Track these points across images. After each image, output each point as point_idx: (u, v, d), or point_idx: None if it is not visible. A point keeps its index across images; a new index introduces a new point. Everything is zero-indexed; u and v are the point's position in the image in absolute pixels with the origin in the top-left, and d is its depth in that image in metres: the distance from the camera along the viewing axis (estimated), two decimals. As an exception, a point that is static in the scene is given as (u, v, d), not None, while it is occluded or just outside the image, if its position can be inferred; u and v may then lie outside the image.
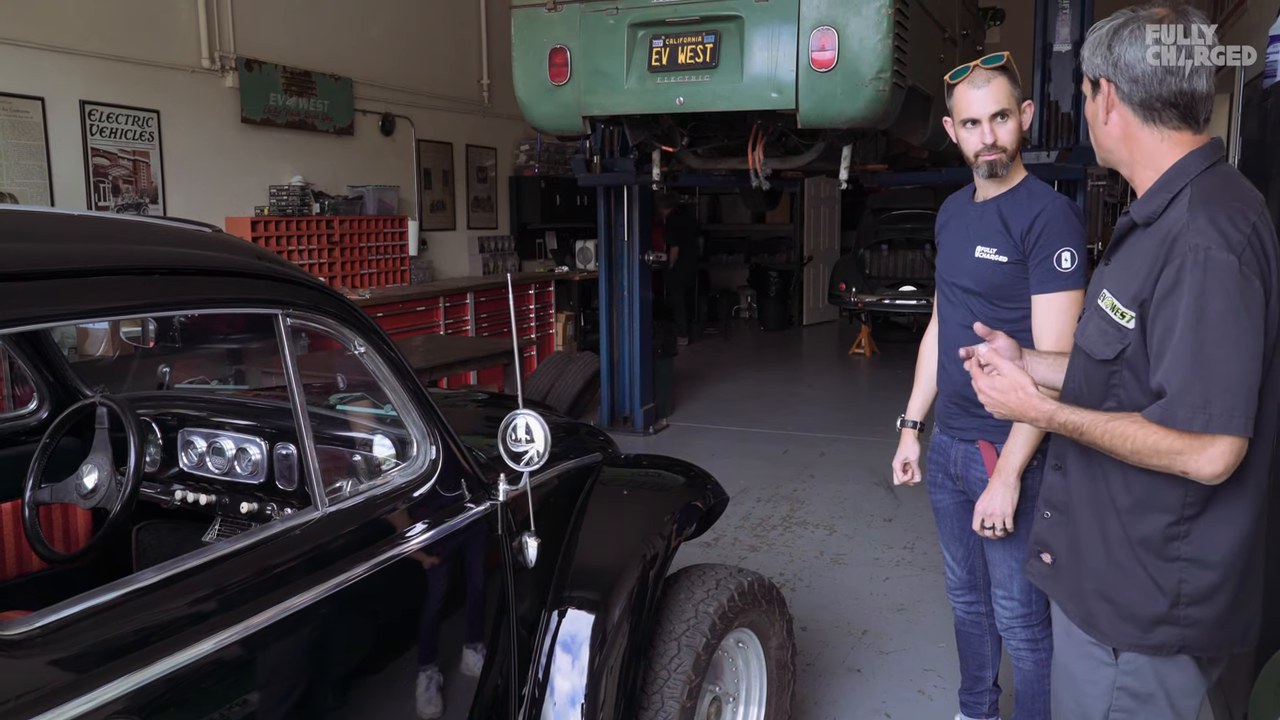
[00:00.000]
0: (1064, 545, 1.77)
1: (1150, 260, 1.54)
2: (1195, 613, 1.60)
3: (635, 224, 6.91)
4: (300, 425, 1.58)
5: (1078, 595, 1.74)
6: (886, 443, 6.81)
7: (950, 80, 2.46)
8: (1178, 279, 1.48)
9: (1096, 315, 1.66)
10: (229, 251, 1.55)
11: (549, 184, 10.15)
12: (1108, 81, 1.61)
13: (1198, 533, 1.58)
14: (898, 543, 4.88)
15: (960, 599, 2.87)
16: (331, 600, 1.54)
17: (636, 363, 7.09)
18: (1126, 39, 1.58)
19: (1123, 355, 1.59)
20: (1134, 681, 1.65)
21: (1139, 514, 1.61)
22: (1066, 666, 1.77)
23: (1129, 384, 1.60)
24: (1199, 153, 1.59)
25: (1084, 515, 1.71)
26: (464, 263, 9.29)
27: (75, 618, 1.22)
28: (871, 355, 10.68)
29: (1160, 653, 1.63)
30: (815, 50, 3.93)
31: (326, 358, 2.86)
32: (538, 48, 4.47)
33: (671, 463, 2.84)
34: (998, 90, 2.37)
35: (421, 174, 8.70)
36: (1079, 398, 1.71)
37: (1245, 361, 1.45)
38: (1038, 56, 5.80)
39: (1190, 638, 1.61)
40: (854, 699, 3.36)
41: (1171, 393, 1.47)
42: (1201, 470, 1.47)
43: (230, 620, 1.37)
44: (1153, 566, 1.61)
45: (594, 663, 2.16)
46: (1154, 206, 1.59)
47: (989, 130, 2.37)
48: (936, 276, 2.68)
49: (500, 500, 1.95)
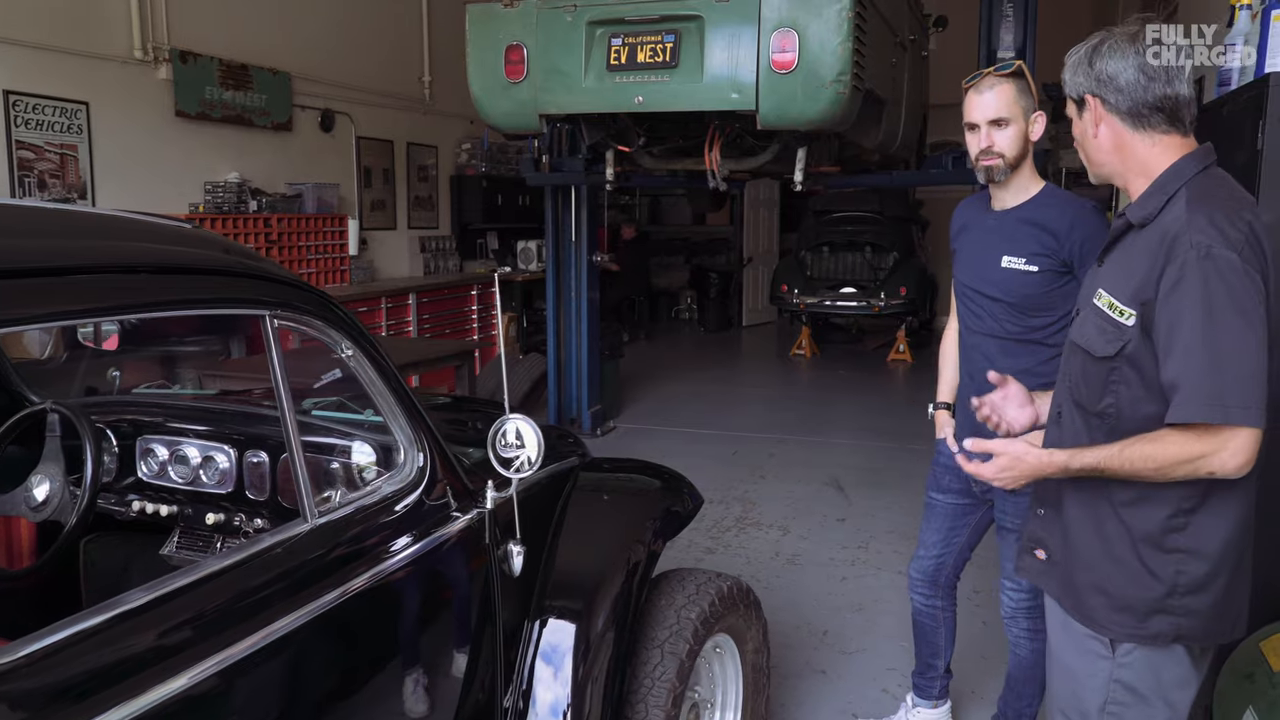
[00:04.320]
0: (1058, 540, 1.80)
1: (1150, 260, 1.58)
2: (1191, 602, 1.63)
3: (584, 224, 6.85)
4: (289, 433, 1.50)
5: (1073, 589, 1.77)
6: (834, 443, 6.93)
7: (965, 85, 2.53)
8: (1181, 276, 1.51)
9: (1094, 314, 1.69)
10: (214, 249, 1.46)
11: (491, 183, 10.03)
12: (1093, 96, 1.67)
13: (1194, 525, 1.62)
14: (852, 543, 4.91)
15: (919, 592, 2.95)
16: (323, 616, 1.47)
17: (584, 364, 7.03)
18: (1106, 54, 1.65)
19: (1123, 352, 1.62)
20: (1130, 675, 1.69)
21: (1138, 509, 1.65)
22: (1063, 660, 1.80)
23: (1129, 380, 1.63)
24: (1192, 157, 1.64)
25: (1079, 511, 1.74)
26: (405, 263, 9.13)
27: (61, 644, 1.13)
28: (812, 356, 10.78)
29: (1157, 642, 1.66)
30: (776, 52, 3.92)
31: (296, 361, 2.75)
32: (493, 44, 4.39)
33: (644, 465, 2.80)
34: (1001, 97, 2.42)
35: (362, 172, 8.51)
36: (1075, 394, 1.75)
37: (1254, 353, 1.48)
38: (982, 63, 5.88)
39: (1185, 627, 1.64)
40: (820, 700, 3.36)
41: (1187, 389, 1.49)
42: (1226, 466, 1.50)
43: (225, 641, 1.29)
44: (1150, 558, 1.65)
45: (578, 673, 2.11)
46: (1151, 208, 1.63)
47: (985, 135, 2.42)
48: (955, 284, 2.71)
49: (488, 508, 1.89)
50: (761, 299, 12.94)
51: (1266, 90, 2.51)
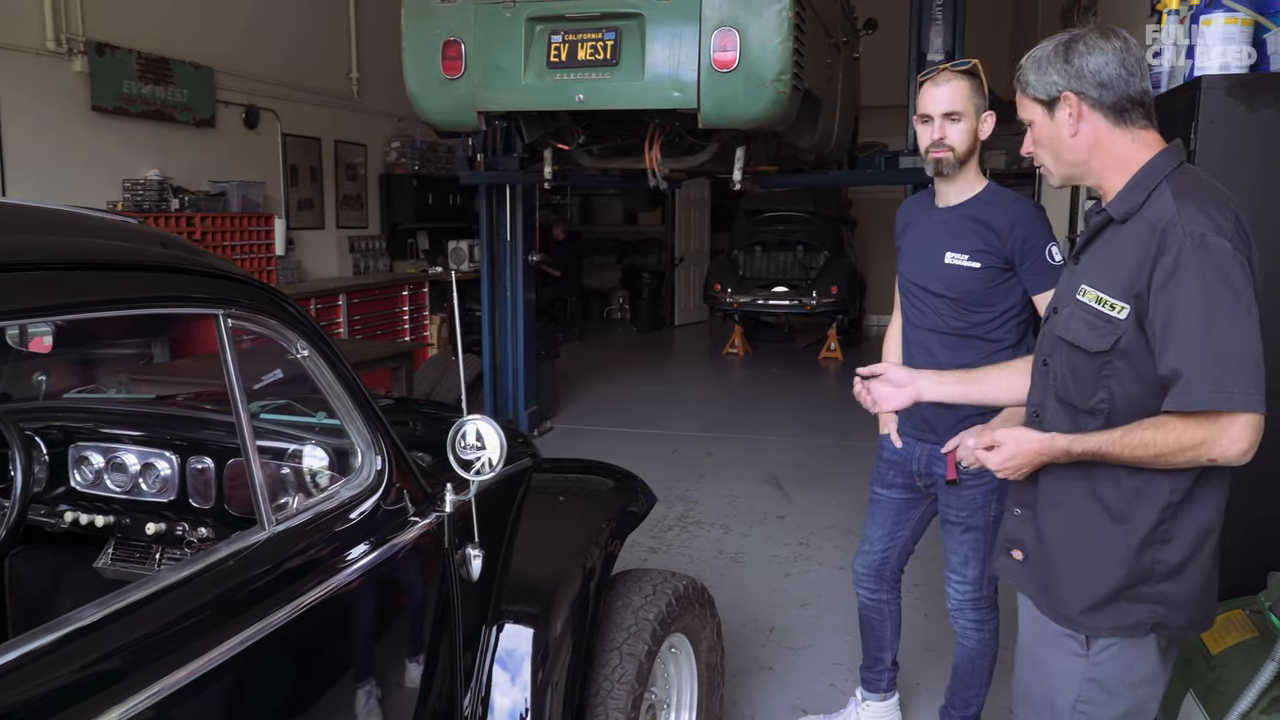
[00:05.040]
0: (1034, 540, 1.79)
1: (1140, 252, 1.58)
2: (1166, 589, 1.64)
3: (519, 224, 6.79)
4: (245, 437, 1.44)
5: (1050, 588, 1.76)
6: (771, 441, 6.98)
7: (921, 78, 2.57)
8: (1176, 265, 1.51)
9: (1081, 310, 1.68)
10: (164, 246, 1.39)
11: (421, 182, 9.87)
12: (1074, 94, 1.65)
13: (1178, 518, 1.63)
14: (793, 539, 4.95)
15: (865, 586, 2.98)
16: (286, 626, 1.41)
17: (520, 365, 6.96)
18: (1084, 51, 1.64)
19: (1117, 346, 1.61)
20: (1103, 672, 1.69)
21: (1130, 506, 1.64)
22: (1036, 655, 1.80)
23: (1123, 374, 1.62)
24: (1168, 152, 1.66)
25: (1063, 511, 1.72)
26: (333, 263, 8.93)
27: (10, 666, 1.06)
28: (745, 355, 10.85)
29: (1135, 632, 1.66)
30: (717, 51, 3.93)
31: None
32: (430, 39, 4.31)
33: (597, 465, 2.77)
34: (956, 91, 2.47)
35: (288, 170, 8.30)
36: (1062, 392, 1.74)
37: (1250, 339, 1.49)
38: (913, 65, 5.98)
39: (1162, 614, 1.65)
40: (769, 697, 3.37)
41: (1188, 376, 1.49)
42: (1229, 452, 1.49)
43: (184, 657, 1.23)
44: (1133, 555, 1.64)
45: (536, 678, 2.08)
46: (1132, 202, 1.63)
47: (939, 127, 2.46)
48: (899, 280, 2.75)
49: (447, 511, 1.84)
50: (693, 298, 13.00)
51: (1198, 93, 2.59)
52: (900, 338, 2.82)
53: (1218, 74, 2.66)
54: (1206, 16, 2.73)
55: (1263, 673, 2.13)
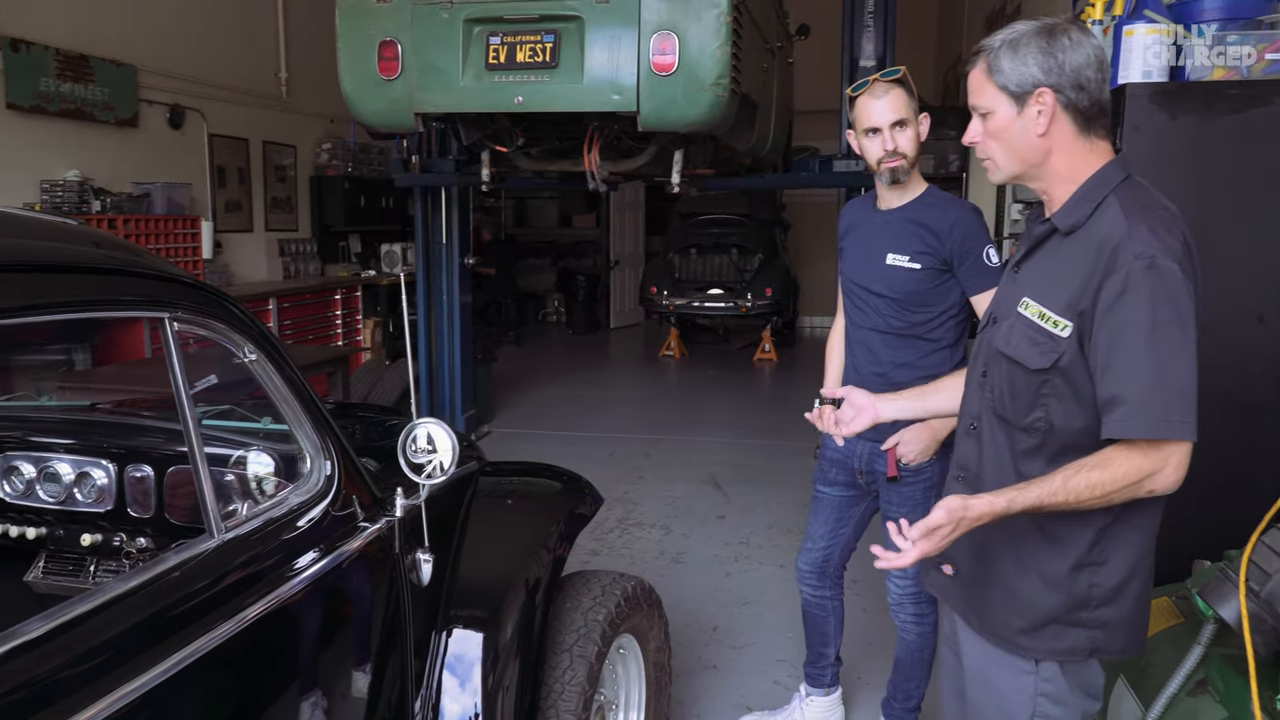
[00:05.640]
0: (967, 558, 1.75)
1: (1087, 269, 1.52)
2: (1104, 614, 1.62)
3: (455, 227, 6.73)
4: (193, 442, 1.40)
5: (981, 607, 1.73)
6: (708, 442, 7.03)
7: (852, 93, 2.60)
8: (1124, 287, 1.47)
9: (1023, 325, 1.62)
10: (107, 248, 1.36)
11: (353, 184, 9.71)
12: (1052, 91, 1.55)
13: (1110, 538, 1.60)
14: (733, 539, 4.99)
15: (808, 584, 3.03)
16: (238, 634, 1.38)
17: (457, 369, 6.90)
18: (1069, 45, 1.53)
19: (1057, 364, 1.56)
20: (1054, 687, 1.66)
21: (1064, 526, 1.60)
22: (985, 675, 1.74)
23: (1062, 393, 1.58)
24: (1115, 163, 1.60)
25: (995, 532, 1.65)
26: (263, 266, 8.73)
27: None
28: (681, 357, 10.91)
29: (1073, 657, 1.64)
30: (656, 54, 3.95)
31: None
32: (365, 39, 4.25)
33: (543, 468, 2.77)
34: (896, 100, 2.51)
35: (215, 171, 8.09)
36: (999, 408, 1.68)
37: (1189, 368, 1.47)
38: (845, 71, 6.09)
39: (1100, 640, 1.64)
40: (714, 695, 3.40)
41: (1131, 404, 1.46)
42: (1167, 482, 1.48)
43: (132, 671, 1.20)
44: (1069, 575, 1.61)
45: (487, 682, 2.07)
46: (1079, 215, 1.58)
47: (889, 138, 2.51)
48: (842, 280, 2.79)
49: (398, 516, 1.82)
50: (629, 301, 13.02)
51: (1123, 100, 2.69)
52: (842, 338, 2.87)
53: (1141, 82, 2.77)
54: (1129, 26, 2.83)
55: (1189, 657, 2.21)
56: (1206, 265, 2.63)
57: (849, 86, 2.65)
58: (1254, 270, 2.74)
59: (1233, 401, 2.76)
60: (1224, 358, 2.72)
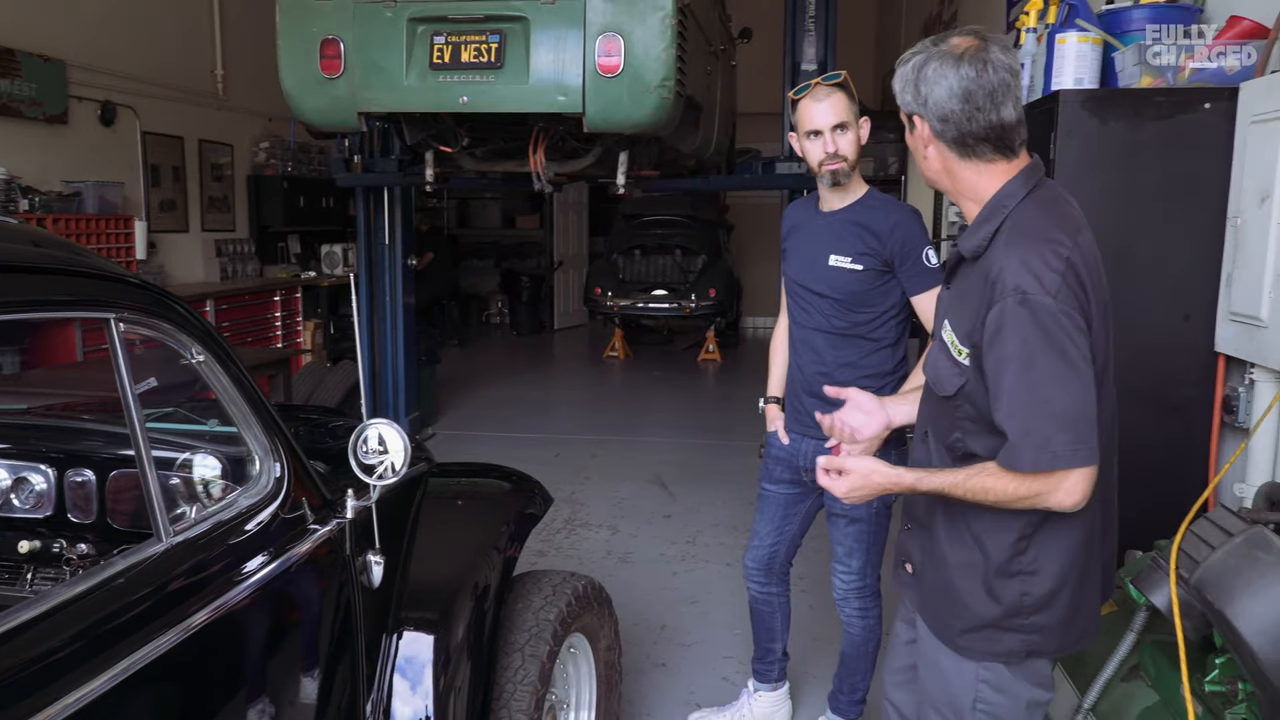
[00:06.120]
0: (920, 557, 1.83)
1: (978, 299, 1.57)
2: (1039, 620, 1.67)
3: (398, 227, 6.67)
4: (139, 445, 1.38)
5: (931, 605, 1.80)
6: (654, 442, 7.06)
7: (794, 96, 2.62)
8: (1000, 322, 1.51)
9: (941, 350, 1.69)
10: (50, 247, 1.33)
11: (292, 184, 9.55)
12: (921, 120, 1.62)
13: (1037, 546, 1.64)
14: (680, 538, 5.02)
15: (755, 581, 3.07)
16: (189, 638, 1.36)
17: (401, 371, 6.84)
18: (931, 78, 1.57)
19: (962, 390, 1.63)
20: (993, 675, 1.72)
21: (991, 534, 1.66)
22: (935, 660, 1.81)
23: (971, 415, 1.64)
24: (1016, 180, 1.62)
25: (942, 532, 1.74)
26: (199, 267, 8.55)
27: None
28: (625, 358, 10.93)
29: (1010, 659, 1.70)
30: (602, 55, 3.96)
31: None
32: (306, 37, 4.19)
33: (493, 468, 2.76)
34: (837, 104, 2.55)
35: (149, 170, 7.90)
36: (934, 426, 1.76)
37: (1077, 395, 1.49)
38: (788, 75, 6.17)
39: (1035, 643, 1.68)
40: (664, 692, 3.42)
41: (1013, 439, 1.51)
42: (1063, 503, 1.52)
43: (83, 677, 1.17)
44: (996, 582, 1.67)
45: (439, 684, 2.06)
46: (979, 241, 1.62)
47: (830, 140, 2.55)
48: (785, 281, 2.83)
49: (349, 518, 1.81)
50: (573, 302, 13.01)
51: (1056, 106, 2.77)
52: (786, 338, 2.92)
53: (1073, 89, 2.86)
54: (1061, 35, 2.92)
55: (1123, 643, 2.30)
56: (1135, 267, 2.76)
57: (791, 89, 2.69)
58: (1181, 271, 2.85)
59: (1161, 398, 2.87)
60: (1152, 356, 2.84)
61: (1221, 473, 2.80)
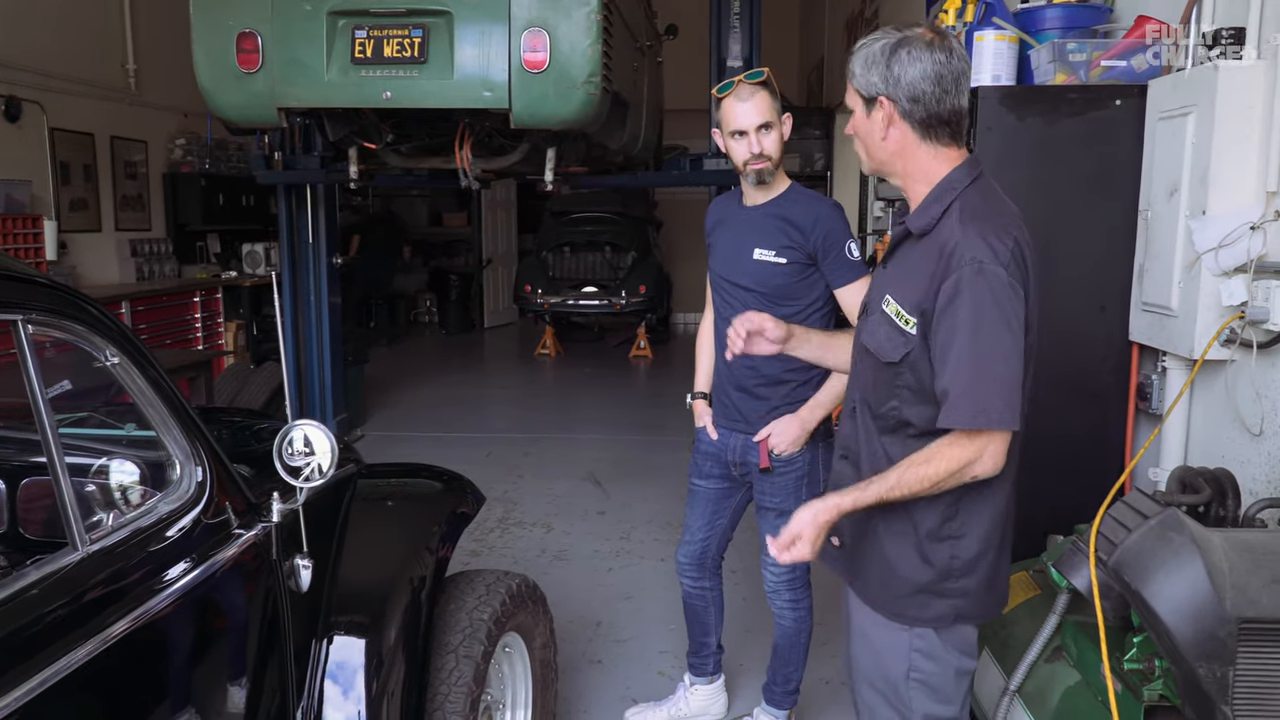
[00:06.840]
0: (850, 530, 1.88)
1: (930, 271, 1.66)
2: (965, 584, 1.76)
3: (322, 225, 6.54)
4: (52, 450, 1.33)
5: (862, 576, 1.87)
6: (586, 439, 7.06)
7: (717, 94, 2.63)
8: (956, 290, 1.61)
9: (884, 321, 1.76)
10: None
11: (211, 182, 9.29)
12: (889, 100, 1.68)
13: (965, 512, 1.74)
14: (614, 534, 5.02)
15: (688, 576, 3.08)
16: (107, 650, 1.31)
17: (327, 371, 6.71)
18: (905, 60, 1.65)
19: (906, 359, 1.71)
20: (925, 644, 1.80)
21: (922, 504, 1.73)
22: (866, 633, 1.88)
23: (910, 384, 1.72)
24: (963, 168, 1.72)
25: (873, 508, 1.77)
26: (114, 268, 8.26)
27: None
28: (557, 355, 10.89)
29: (940, 624, 1.78)
30: (527, 51, 3.93)
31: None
32: (222, 30, 4.08)
33: (423, 468, 2.72)
34: (761, 103, 2.56)
35: (58, 168, 7.60)
36: (867, 396, 1.83)
37: (1013, 365, 1.61)
38: (713, 71, 6.20)
39: (962, 607, 1.78)
40: (600, 689, 3.42)
41: (954, 396, 1.61)
42: (986, 469, 1.64)
43: None
44: (929, 548, 1.76)
45: (371, 688, 2.03)
46: (928, 219, 1.71)
47: (755, 140, 2.56)
48: (710, 275, 2.84)
49: (275, 521, 1.77)
50: (503, 300, 12.90)
51: (975, 102, 2.84)
52: (712, 334, 2.93)
53: (991, 85, 2.93)
54: (979, 33, 2.99)
55: (1046, 626, 2.36)
56: (1053, 259, 2.84)
57: (715, 87, 2.70)
58: (1096, 263, 2.94)
59: (1079, 386, 2.96)
60: (1070, 345, 2.92)
61: (1137, 458, 2.90)
